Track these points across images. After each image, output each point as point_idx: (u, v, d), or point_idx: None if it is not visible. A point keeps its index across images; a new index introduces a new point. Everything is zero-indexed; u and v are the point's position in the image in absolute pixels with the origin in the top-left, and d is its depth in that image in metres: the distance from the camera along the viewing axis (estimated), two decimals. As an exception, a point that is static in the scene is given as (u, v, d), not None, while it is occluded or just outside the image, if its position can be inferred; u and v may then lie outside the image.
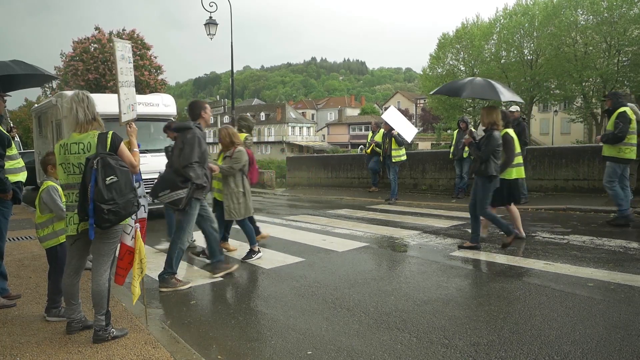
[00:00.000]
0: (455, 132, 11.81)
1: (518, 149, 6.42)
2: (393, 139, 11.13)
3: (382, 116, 10.61)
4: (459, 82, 6.68)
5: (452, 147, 11.45)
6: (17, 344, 3.51)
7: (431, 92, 8.15)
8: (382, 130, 12.82)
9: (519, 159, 6.46)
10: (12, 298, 4.55)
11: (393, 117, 10.77)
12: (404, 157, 11.44)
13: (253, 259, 5.99)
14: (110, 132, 3.48)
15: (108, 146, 3.41)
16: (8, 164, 4.35)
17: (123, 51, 4.13)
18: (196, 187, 4.87)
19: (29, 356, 3.31)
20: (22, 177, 4.62)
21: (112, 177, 3.27)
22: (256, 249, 6.09)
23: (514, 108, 10.14)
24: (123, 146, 3.52)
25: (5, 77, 4.76)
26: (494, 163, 5.84)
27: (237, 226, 6.16)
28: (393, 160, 11.22)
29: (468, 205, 6.39)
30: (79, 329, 3.67)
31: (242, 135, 6.65)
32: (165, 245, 6.94)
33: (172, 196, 4.82)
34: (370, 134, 13.44)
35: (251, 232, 6.09)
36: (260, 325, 3.94)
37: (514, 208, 6.53)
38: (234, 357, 3.34)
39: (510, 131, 6.34)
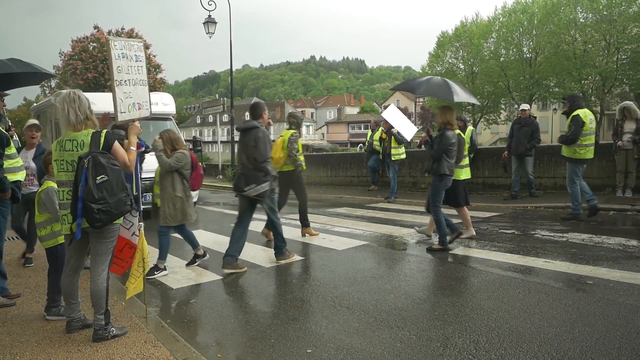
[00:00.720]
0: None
1: (466, 150, 6.56)
2: (393, 137, 11.11)
3: (382, 114, 10.53)
4: (418, 80, 6.71)
5: None
6: (17, 343, 3.51)
7: (390, 88, 8.23)
8: (381, 128, 12.81)
9: (466, 161, 6.57)
10: (12, 297, 4.55)
11: (393, 115, 10.73)
12: (404, 156, 11.47)
13: (197, 263, 5.87)
14: (104, 131, 3.47)
15: (101, 145, 3.39)
16: (7, 163, 4.34)
17: (124, 50, 4.10)
18: (273, 178, 5.55)
19: (29, 355, 3.31)
20: (21, 176, 4.61)
21: (102, 176, 3.25)
22: (201, 252, 5.98)
23: (524, 106, 10.17)
24: (117, 145, 3.49)
25: (3, 75, 4.74)
26: (446, 162, 5.88)
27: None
28: (392, 159, 11.22)
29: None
30: (78, 328, 3.67)
31: (289, 132, 7.15)
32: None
33: (258, 189, 5.38)
34: (369, 132, 13.44)
35: (192, 237, 5.93)
36: (259, 324, 3.94)
37: (465, 210, 6.66)
38: (233, 356, 3.34)
39: (461, 133, 6.44)
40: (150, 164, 6.80)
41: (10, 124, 5.20)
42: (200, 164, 6.25)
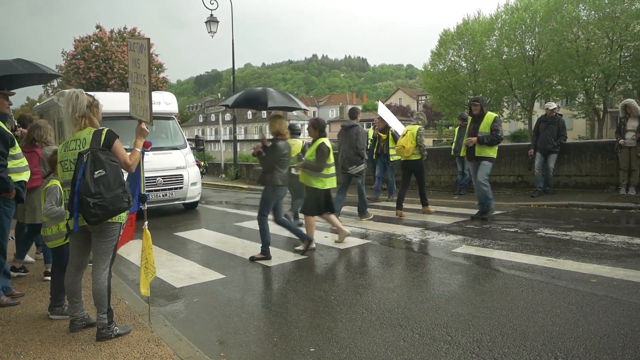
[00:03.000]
0: (457, 128, 11.73)
1: (332, 159, 6.37)
2: (391, 136, 10.66)
3: (379, 112, 10.18)
4: (256, 92, 6.78)
5: (454, 144, 11.41)
6: (21, 342, 3.53)
7: (230, 105, 7.45)
8: (372, 127, 12.59)
9: (331, 170, 6.40)
10: (16, 296, 4.56)
11: (386, 113, 10.35)
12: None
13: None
14: (105, 129, 3.49)
15: (102, 142, 3.41)
16: (11, 164, 4.35)
17: (136, 52, 4.06)
18: (366, 162, 8.04)
19: (33, 354, 3.32)
20: (26, 176, 4.61)
21: (100, 170, 3.27)
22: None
23: (551, 105, 10.13)
24: (118, 144, 3.50)
25: (8, 76, 4.75)
26: (278, 172, 5.82)
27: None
28: (391, 159, 10.77)
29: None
30: (82, 327, 3.68)
31: (416, 127, 8.57)
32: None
33: (358, 169, 7.92)
34: (371, 131, 13.01)
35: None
36: (262, 323, 3.95)
37: (311, 219, 6.47)
38: (236, 354, 3.34)
39: (327, 141, 6.29)
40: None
41: (16, 124, 5.21)
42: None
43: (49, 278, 4.39)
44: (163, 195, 9.83)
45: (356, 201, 8.68)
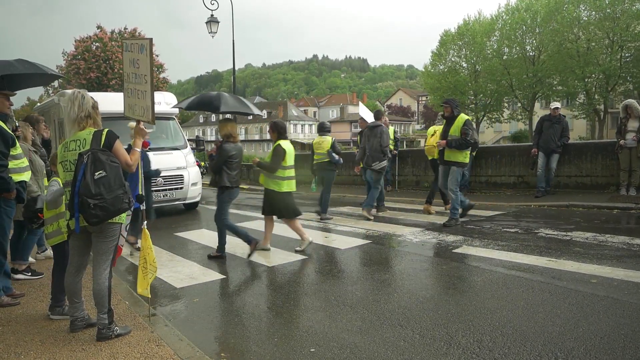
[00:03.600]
0: None
1: (290, 162, 6.24)
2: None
3: (359, 111, 9.64)
4: (210, 96, 6.78)
5: None
6: (21, 342, 3.53)
7: (184, 107, 7.31)
8: (391, 128, 12.59)
9: (290, 172, 6.26)
10: (16, 297, 4.57)
11: (367, 113, 9.71)
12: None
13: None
14: (106, 130, 3.48)
15: (102, 143, 3.41)
16: (12, 164, 4.35)
17: (134, 53, 4.05)
18: (388, 159, 8.84)
19: (33, 354, 3.32)
20: (26, 176, 4.62)
21: (100, 171, 3.26)
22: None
23: (553, 105, 10.12)
24: (119, 144, 3.50)
25: (9, 76, 4.74)
26: (226, 174, 5.92)
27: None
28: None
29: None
30: (82, 327, 3.68)
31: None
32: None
33: (381, 164, 8.51)
34: None
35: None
36: (263, 323, 3.95)
37: (271, 221, 6.48)
38: (237, 355, 3.34)
39: (284, 143, 6.17)
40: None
41: (17, 124, 5.21)
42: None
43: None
44: (163, 196, 9.84)
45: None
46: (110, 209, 3.29)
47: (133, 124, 4.38)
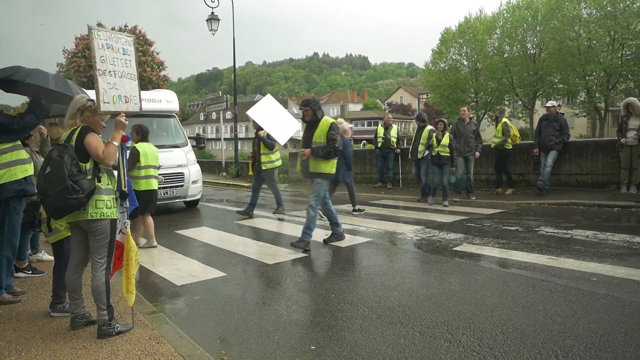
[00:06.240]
0: (415, 130, 11.67)
1: (150, 162, 6.72)
2: (261, 141, 9.22)
3: (248, 112, 7.75)
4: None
5: (411, 147, 11.30)
6: (22, 340, 3.53)
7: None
8: (394, 126, 12.59)
9: (144, 172, 6.67)
10: (17, 294, 4.58)
11: (263, 112, 7.80)
12: (279, 163, 9.65)
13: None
14: (82, 125, 3.51)
15: (74, 138, 3.43)
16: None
17: (109, 41, 3.94)
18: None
19: (34, 351, 3.32)
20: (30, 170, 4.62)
21: (48, 168, 3.33)
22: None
23: (550, 103, 10.12)
24: (90, 137, 3.44)
25: (40, 88, 4.55)
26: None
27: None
28: (263, 168, 9.30)
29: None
30: (83, 325, 3.69)
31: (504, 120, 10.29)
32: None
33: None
34: (381, 129, 12.49)
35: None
36: (263, 321, 3.95)
37: (148, 219, 6.73)
38: (237, 352, 3.35)
39: (141, 145, 6.69)
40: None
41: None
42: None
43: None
44: (164, 193, 9.83)
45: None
46: (55, 204, 3.32)
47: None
